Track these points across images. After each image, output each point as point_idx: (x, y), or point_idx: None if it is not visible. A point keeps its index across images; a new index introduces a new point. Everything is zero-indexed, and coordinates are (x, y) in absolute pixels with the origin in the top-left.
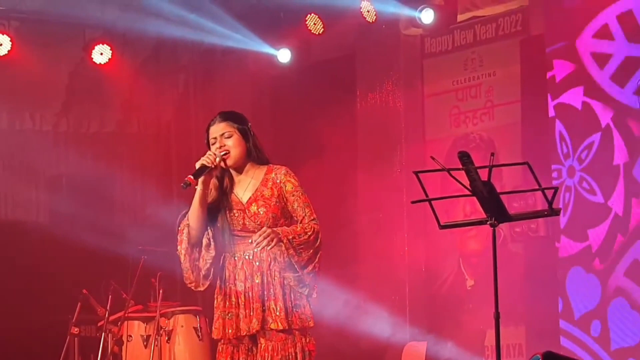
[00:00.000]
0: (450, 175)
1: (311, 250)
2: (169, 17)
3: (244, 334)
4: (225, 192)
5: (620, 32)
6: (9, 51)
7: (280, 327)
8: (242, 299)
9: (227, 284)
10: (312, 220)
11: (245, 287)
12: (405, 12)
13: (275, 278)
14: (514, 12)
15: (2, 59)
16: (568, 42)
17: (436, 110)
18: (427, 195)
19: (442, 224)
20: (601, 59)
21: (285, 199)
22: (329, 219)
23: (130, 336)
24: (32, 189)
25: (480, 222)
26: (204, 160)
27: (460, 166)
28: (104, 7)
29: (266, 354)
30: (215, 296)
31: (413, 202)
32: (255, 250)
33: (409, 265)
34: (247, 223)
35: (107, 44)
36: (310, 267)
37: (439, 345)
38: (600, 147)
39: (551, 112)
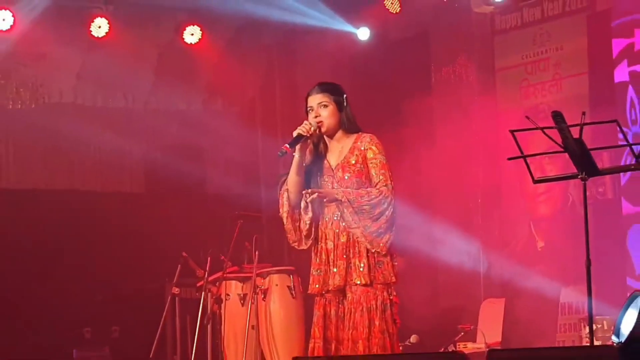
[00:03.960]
0: (544, 133)
1: (376, 212)
2: None
3: (330, 288)
4: (319, 158)
5: None
6: (106, 33)
7: (363, 282)
8: (332, 256)
9: (320, 243)
10: (384, 185)
11: (333, 245)
12: None
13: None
14: None
15: (100, 40)
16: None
17: (507, 83)
18: (522, 152)
19: (535, 178)
20: None
21: (367, 165)
22: (406, 189)
23: (228, 295)
24: (127, 161)
25: (572, 177)
26: (300, 130)
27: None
28: None
29: (352, 306)
30: (312, 255)
31: (509, 159)
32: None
33: (483, 228)
34: (335, 187)
35: (197, 25)
36: (384, 236)
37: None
38: None
39: (624, 78)
